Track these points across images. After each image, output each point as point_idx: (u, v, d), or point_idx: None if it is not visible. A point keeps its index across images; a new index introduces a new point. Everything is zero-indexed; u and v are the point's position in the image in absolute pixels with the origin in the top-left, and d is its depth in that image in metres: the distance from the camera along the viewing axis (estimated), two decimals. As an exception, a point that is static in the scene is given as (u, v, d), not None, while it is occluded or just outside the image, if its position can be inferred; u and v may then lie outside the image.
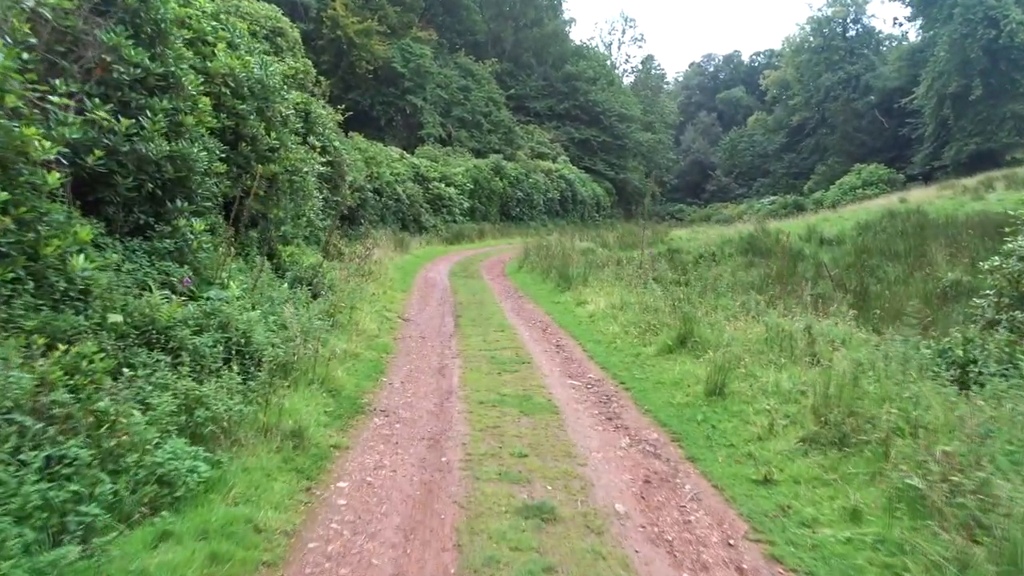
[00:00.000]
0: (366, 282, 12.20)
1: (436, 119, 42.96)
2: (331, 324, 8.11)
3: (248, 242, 10.38)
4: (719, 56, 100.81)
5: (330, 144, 17.77)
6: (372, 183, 24.69)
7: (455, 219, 32.66)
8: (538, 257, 19.36)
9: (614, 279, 14.02)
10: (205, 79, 9.10)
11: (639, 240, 30.42)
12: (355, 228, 22.49)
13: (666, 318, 9.27)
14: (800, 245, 22.39)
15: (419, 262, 20.99)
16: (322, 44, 40.18)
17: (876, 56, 68.39)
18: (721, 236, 25.85)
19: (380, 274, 13.99)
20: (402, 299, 12.68)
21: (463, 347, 8.66)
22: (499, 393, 6.46)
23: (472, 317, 11.17)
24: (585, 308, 11.92)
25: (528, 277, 17.78)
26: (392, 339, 8.84)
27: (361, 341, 8.03)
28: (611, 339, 9.38)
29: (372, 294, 11.17)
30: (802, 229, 25.74)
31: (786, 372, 6.72)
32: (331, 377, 6.01)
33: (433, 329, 9.97)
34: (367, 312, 9.84)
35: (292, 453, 4.49)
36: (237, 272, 8.29)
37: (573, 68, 55.86)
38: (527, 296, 14.46)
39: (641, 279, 13.23)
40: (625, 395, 6.80)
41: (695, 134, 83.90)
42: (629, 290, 12.37)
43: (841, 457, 4.74)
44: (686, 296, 10.06)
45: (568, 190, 46.25)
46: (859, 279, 15.24)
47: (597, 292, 12.94)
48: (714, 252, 21.70)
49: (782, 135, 72.89)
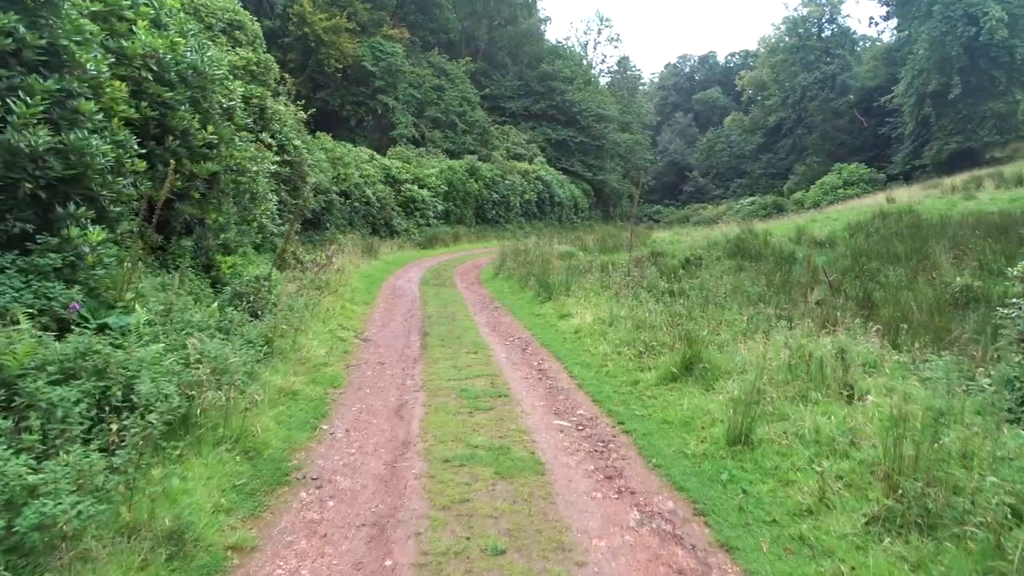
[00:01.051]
0: (322, 295, 10.80)
1: (409, 119, 41.51)
2: (267, 352, 6.72)
3: (180, 252, 8.95)
4: (694, 57, 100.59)
5: (289, 143, 16.34)
6: (339, 185, 23.23)
7: (428, 222, 31.24)
8: (515, 263, 18.06)
9: (599, 288, 12.76)
10: (118, 60, 7.69)
11: (620, 243, 29.32)
12: (320, 233, 21.02)
13: (665, 336, 8.00)
14: (790, 247, 21.33)
15: (388, 269, 19.57)
16: (289, 42, 38.62)
17: (852, 56, 68.19)
18: (706, 238, 24.72)
19: (341, 284, 12.58)
20: (363, 313, 11.28)
21: (429, 375, 7.31)
22: (469, 444, 5.12)
23: (442, 334, 9.83)
24: (569, 322, 10.63)
25: (505, 285, 16.46)
26: (343, 367, 7.45)
27: (303, 373, 6.64)
28: (601, 361, 8.09)
29: (327, 310, 9.76)
30: (790, 230, 24.70)
31: (821, 409, 5.47)
32: (250, 431, 4.63)
33: (395, 351, 8.60)
34: (318, 333, 8.45)
35: (165, 568, 3.12)
36: (154, 290, 6.88)
37: (549, 67, 54.65)
38: (504, 307, 13.15)
39: (630, 288, 11.97)
40: (626, 440, 5.50)
41: (671, 135, 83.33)
42: (617, 301, 11.09)
43: (932, 548, 3.48)
44: (687, 310, 8.80)
45: (545, 192, 45.01)
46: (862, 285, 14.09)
47: (582, 303, 11.66)
48: (700, 255, 20.50)
49: (759, 135, 72.55)
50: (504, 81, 53.78)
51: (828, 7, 70.87)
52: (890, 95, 50.62)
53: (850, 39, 71.52)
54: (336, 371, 7.12)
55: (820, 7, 70.88)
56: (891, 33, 61.48)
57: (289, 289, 9.79)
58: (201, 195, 9.38)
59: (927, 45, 45.05)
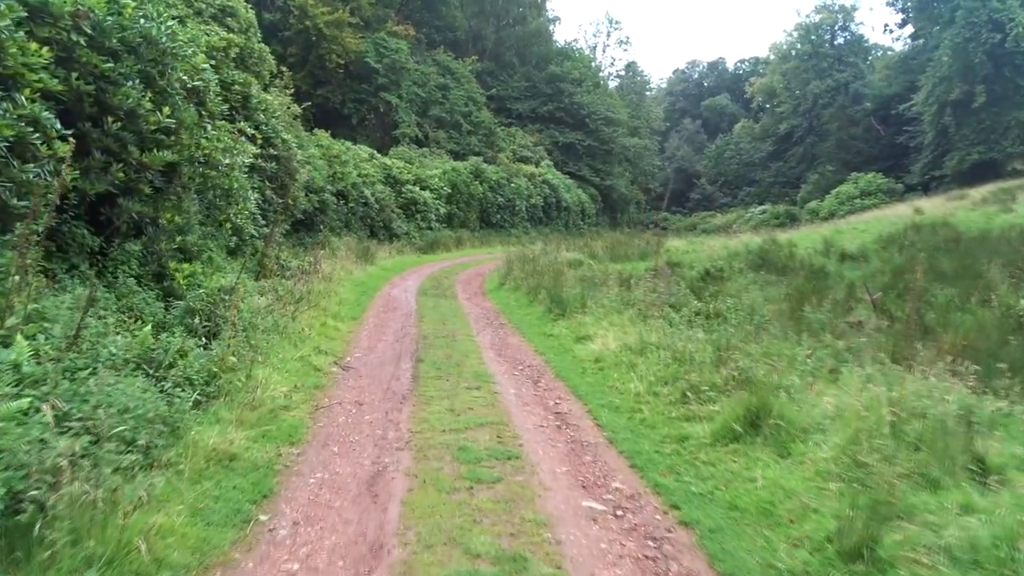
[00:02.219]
0: (300, 309, 9.25)
1: (412, 118, 39.99)
2: (208, 394, 5.18)
3: (123, 259, 7.42)
4: (703, 63, 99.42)
5: (276, 136, 14.82)
6: (334, 184, 21.70)
7: (430, 226, 29.68)
8: (523, 272, 16.51)
9: (620, 304, 11.20)
10: (36, 15, 6.17)
11: (632, 251, 27.73)
12: (313, 236, 19.47)
13: (714, 375, 6.44)
14: (819, 260, 19.78)
15: (385, 276, 18.03)
16: (289, 35, 37.12)
17: (865, 64, 66.77)
18: (725, 248, 23.16)
19: (326, 295, 11.04)
20: (348, 332, 9.71)
21: (418, 423, 5.73)
22: (468, 551, 3.54)
23: (439, 360, 8.27)
24: (588, 347, 9.07)
25: (511, 297, 14.90)
26: (309, 411, 5.84)
27: (252, 423, 5.05)
28: (634, 403, 6.54)
29: (303, 329, 8.19)
30: (816, 242, 23.16)
31: (954, 497, 3.93)
32: (134, 543, 3.06)
33: (380, 385, 7.03)
34: (285, 361, 6.89)
35: None
36: (69, 309, 5.32)
37: (557, 69, 53.10)
38: (511, 324, 11.60)
39: (656, 306, 10.42)
40: (686, 540, 3.94)
41: (679, 141, 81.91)
42: (644, 323, 9.54)
43: None
44: (735, 339, 7.23)
45: (552, 196, 43.45)
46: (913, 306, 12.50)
47: (601, 323, 10.11)
48: (721, 267, 18.89)
49: (769, 143, 71.14)
50: (511, 82, 52.26)
51: (841, 14, 69.63)
52: (909, 103, 48.99)
53: (863, 47, 70.18)
54: (298, 418, 5.53)
55: (833, 14, 69.65)
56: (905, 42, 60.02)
57: (261, 303, 8.23)
58: (154, 190, 7.86)
59: (950, 52, 43.46)
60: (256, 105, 13.89)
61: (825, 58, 67.42)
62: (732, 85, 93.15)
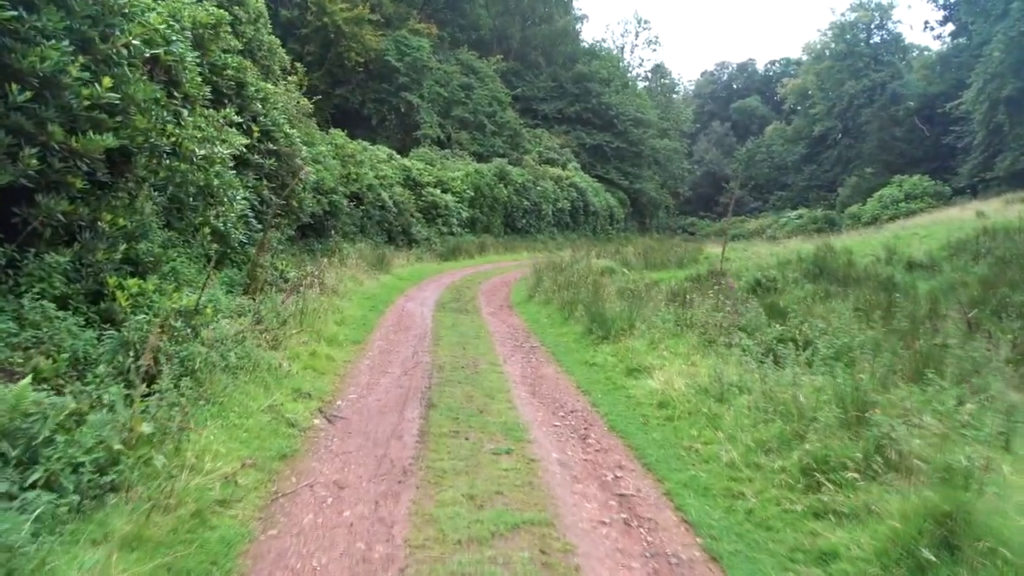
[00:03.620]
0: (286, 333, 7.43)
1: (434, 119, 38.24)
2: (102, 489, 3.37)
3: (43, 274, 5.65)
4: (733, 64, 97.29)
5: (278, 130, 13.10)
6: (348, 186, 19.98)
7: (452, 231, 27.87)
8: (553, 283, 14.60)
9: (675, 324, 9.26)
10: None
11: (668, 258, 25.63)
12: (323, 242, 17.75)
13: (845, 442, 4.49)
14: (883, 270, 17.66)
15: (400, 286, 16.23)
16: (307, 33, 35.57)
17: (903, 63, 64.06)
18: (775, 255, 21.04)
19: (323, 314, 9.21)
20: (346, 362, 7.86)
21: (421, 532, 3.77)
22: None
23: (456, 405, 6.40)
24: (645, 383, 7.13)
25: (542, 312, 13.00)
26: (258, 507, 3.76)
27: (157, 540, 3.19)
28: (729, 481, 4.62)
29: (278, 366, 6.34)
30: (874, 248, 21.01)
31: None
32: None
33: (373, 451, 5.12)
34: (244, 415, 5.05)
35: None
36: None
37: (585, 68, 51.08)
38: (544, 347, 9.70)
39: (724, 328, 8.45)
40: None
41: (708, 144, 79.68)
42: (712, 350, 7.60)
43: None
44: (868, 382, 5.24)
45: (580, 200, 41.47)
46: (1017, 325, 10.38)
47: (657, 349, 8.16)
48: (775, 277, 16.79)
49: (802, 146, 68.68)
50: (537, 82, 50.36)
51: (878, 12, 67.02)
52: (956, 101, 46.28)
53: (901, 46, 67.48)
54: (238, 522, 3.58)
55: (869, 12, 67.06)
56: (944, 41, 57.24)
57: (230, 329, 6.42)
58: (92, 184, 6.11)
59: (1002, 46, 40.78)
60: (253, 94, 12.17)
61: (861, 57, 65.04)
62: (762, 87, 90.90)
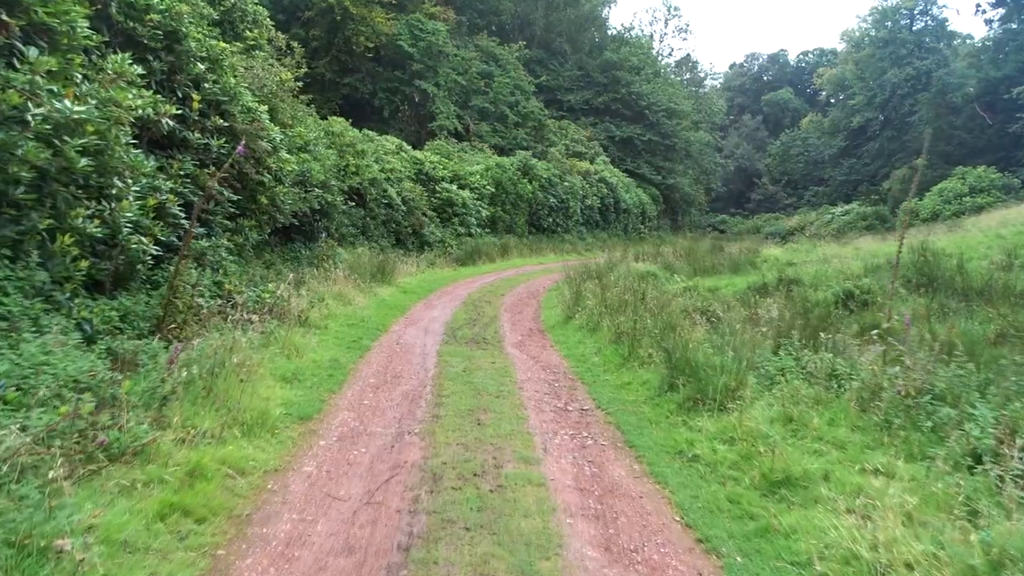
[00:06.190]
0: (152, 431, 4.17)
1: (451, 109, 34.92)
2: None
3: None
4: (763, 55, 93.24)
5: (234, 102, 9.87)
6: (345, 180, 16.76)
7: (470, 231, 24.53)
8: (599, 300, 11.23)
9: (808, 379, 5.89)
10: None
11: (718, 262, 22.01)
12: (311, 247, 14.51)
13: None
14: (1010, 278, 14.04)
15: (402, 303, 12.94)
16: (311, 16, 32.40)
17: (949, 50, 59.68)
18: (859, 259, 17.46)
19: (258, 367, 5.92)
20: (262, 479, 4.55)
21: None
22: None
23: (460, 561, 3.12)
24: (815, 520, 3.79)
25: (588, 343, 9.63)
26: None
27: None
28: None
29: (86, 527, 3.06)
30: (978, 249, 17.42)
31: None
32: None
33: None
34: None
35: None
36: None
37: (613, 56, 47.42)
38: (600, 412, 6.38)
39: (911, 397, 5.08)
40: None
41: (739, 139, 75.74)
42: (905, 440, 4.25)
43: None
44: None
45: (610, 196, 37.96)
46: None
47: (798, 433, 4.82)
48: (869, 288, 13.16)
49: (840, 138, 64.44)
50: (562, 71, 46.85)
51: (922, -4, 62.75)
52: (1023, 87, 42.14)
53: (946, 32, 63.08)
54: None
55: (913, -3, 62.78)
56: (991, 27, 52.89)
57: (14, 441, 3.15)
58: None
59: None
60: (192, 49, 8.92)
61: (904, 45, 60.70)
62: (795, 78, 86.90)
